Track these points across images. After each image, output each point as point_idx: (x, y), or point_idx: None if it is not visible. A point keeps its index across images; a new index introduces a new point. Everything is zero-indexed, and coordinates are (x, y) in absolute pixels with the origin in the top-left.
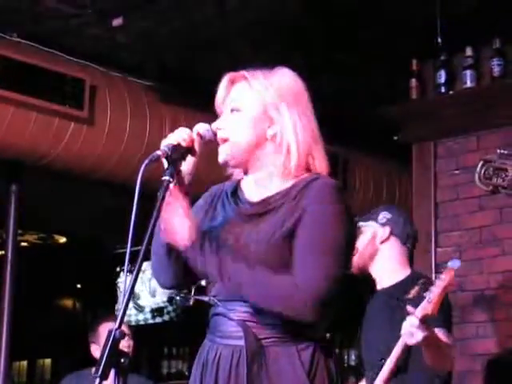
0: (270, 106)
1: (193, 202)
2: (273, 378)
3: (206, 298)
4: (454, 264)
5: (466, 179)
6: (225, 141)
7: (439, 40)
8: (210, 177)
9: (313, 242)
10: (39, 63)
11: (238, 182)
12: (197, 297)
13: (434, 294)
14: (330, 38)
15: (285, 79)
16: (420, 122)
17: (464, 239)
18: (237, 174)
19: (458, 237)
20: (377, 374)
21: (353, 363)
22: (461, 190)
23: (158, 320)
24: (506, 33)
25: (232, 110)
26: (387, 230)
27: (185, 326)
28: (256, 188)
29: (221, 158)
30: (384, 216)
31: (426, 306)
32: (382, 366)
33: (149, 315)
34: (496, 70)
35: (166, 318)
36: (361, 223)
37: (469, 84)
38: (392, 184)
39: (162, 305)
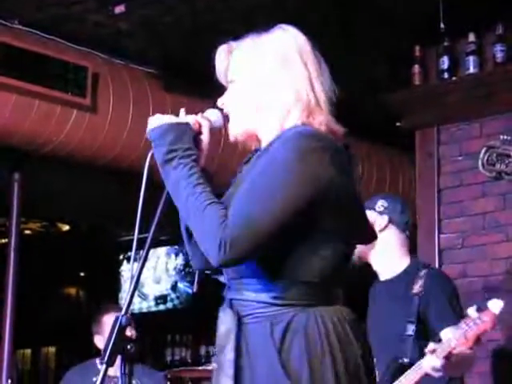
0: (260, 70)
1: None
2: (250, 355)
3: (221, 278)
4: (496, 306)
5: (470, 165)
6: (229, 115)
7: (442, 26)
8: None
9: (250, 188)
10: (41, 51)
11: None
12: (215, 276)
13: (469, 334)
14: (332, 24)
15: (275, 39)
16: (423, 108)
17: (467, 225)
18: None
19: (461, 223)
20: (389, 375)
21: None
22: (464, 177)
23: (162, 308)
24: (508, 18)
25: (230, 83)
26: (385, 218)
27: (188, 314)
28: None
29: (230, 136)
30: (381, 204)
31: (460, 341)
32: (394, 367)
33: (152, 303)
34: (499, 56)
35: (170, 305)
36: None
37: (472, 70)
38: (395, 171)
39: (165, 292)
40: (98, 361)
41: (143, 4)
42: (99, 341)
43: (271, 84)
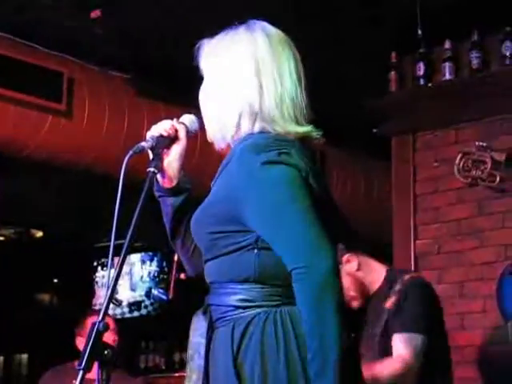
0: (224, 70)
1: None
2: (214, 361)
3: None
4: None
5: (445, 172)
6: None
7: (419, 32)
8: None
9: (270, 221)
10: (17, 56)
11: None
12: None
13: None
14: (308, 29)
15: (235, 42)
16: (399, 114)
17: (443, 231)
18: None
19: (437, 229)
20: None
21: None
22: (440, 183)
23: (136, 314)
24: (484, 26)
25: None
26: (348, 258)
27: (162, 321)
28: None
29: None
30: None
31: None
32: None
33: (126, 309)
34: (475, 63)
35: (144, 312)
36: None
37: (448, 76)
38: (369, 179)
39: (139, 299)
40: (76, 363)
41: (119, 9)
42: (81, 343)
43: (226, 92)
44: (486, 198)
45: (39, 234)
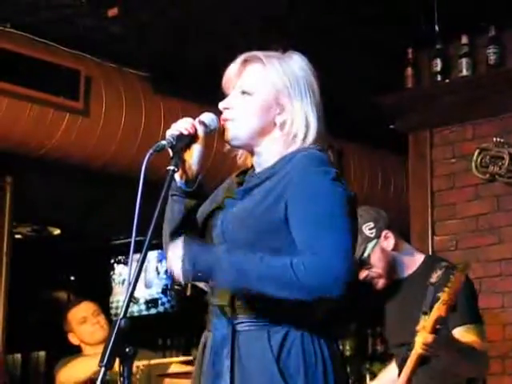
0: (282, 93)
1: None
2: (243, 361)
3: (201, 285)
4: (464, 267)
5: (463, 168)
6: (230, 121)
7: (436, 28)
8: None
9: (313, 221)
10: (34, 54)
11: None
12: (194, 282)
13: (446, 293)
14: (325, 26)
15: (299, 66)
16: (416, 110)
17: (460, 228)
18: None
19: (454, 225)
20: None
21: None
22: (457, 179)
23: (153, 311)
24: (501, 21)
25: (243, 93)
26: (387, 235)
27: (179, 318)
28: (259, 168)
29: (227, 136)
30: (370, 229)
31: (439, 307)
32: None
33: (143, 306)
34: (492, 58)
35: (161, 309)
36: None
37: (464, 72)
38: (387, 174)
39: (156, 296)
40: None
41: (136, 7)
42: (72, 338)
43: (297, 113)
44: (504, 194)
45: (57, 231)
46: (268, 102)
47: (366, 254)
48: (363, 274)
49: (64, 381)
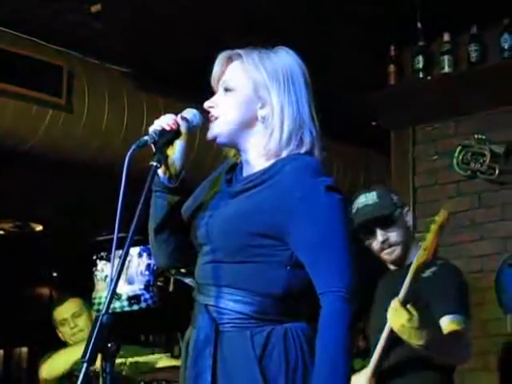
0: (261, 86)
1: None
2: (225, 364)
3: (186, 280)
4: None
5: (445, 164)
6: (216, 118)
7: (419, 26)
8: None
9: (322, 242)
10: (16, 50)
11: (236, 162)
12: (179, 277)
13: (427, 239)
14: (307, 23)
15: (280, 58)
16: (398, 107)
17: None
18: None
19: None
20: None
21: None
22: (439, 176)
23: (135, 308)
24: (482, 19)
25: (226, 90)
26: (407, 211)
27: (162, 314)
28: (247, 167)
29: (210, 134)
30: (397, 200)
31: (421, 254)
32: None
33: (125, 303)
34: (473, 56)
35: (143, 305)
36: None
37: (446, 69)
38: (368, 171)
39: (139, 292)
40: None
41: (119, 3)
42: (59, 334)
43: (275, 105)
44: (485, 191)
45: (39, 227)
46: (249, 97)
47: (395, 215)
48: (383, 236)
49: (46, 376)
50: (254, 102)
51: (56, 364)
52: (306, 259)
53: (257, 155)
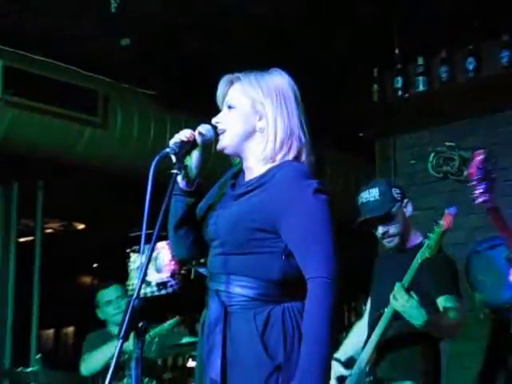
0: (257, 102)
1: None
2: (233, 340)
3: (201, 270)
4: (451, 210)
5: (421, 168)
6: (222, 132)
7: (396, 51)
8: None
9: (307, 236)
10: (59, 77)
11: (241, 168)
12: (197, 268)
13: (432, 239)
14: (305, 48)
15: (273, 79)
16: (381, 120)
17: (420, 218)
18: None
19: (415, 216)
20: (375, 324)
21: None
22: (417, 177)
23: (163, 292)
24: (451, 44)
25: (229, 107)
26: (408, 203)
27: (184, 298)
28: (248, 173)
29: (219, 146)
30: (397, 193)
31: (426, 251)
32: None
33: (155, 288)
34: (444, 76)
35: (170, 290)
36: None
37: (421, 88)
38: (358, 176)
39: (166, 279)
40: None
41: (146, 37)
42: (99, 313)
43: (270, 117)
44: (455, 190)
45: (81, 226)
46: (247, 111)
47: (392, 211)
48: (383, 229)
49: (85, 374)
50: (253, 116)
51: (92, 362)
52: (295, 251)
53: (256, 161)
